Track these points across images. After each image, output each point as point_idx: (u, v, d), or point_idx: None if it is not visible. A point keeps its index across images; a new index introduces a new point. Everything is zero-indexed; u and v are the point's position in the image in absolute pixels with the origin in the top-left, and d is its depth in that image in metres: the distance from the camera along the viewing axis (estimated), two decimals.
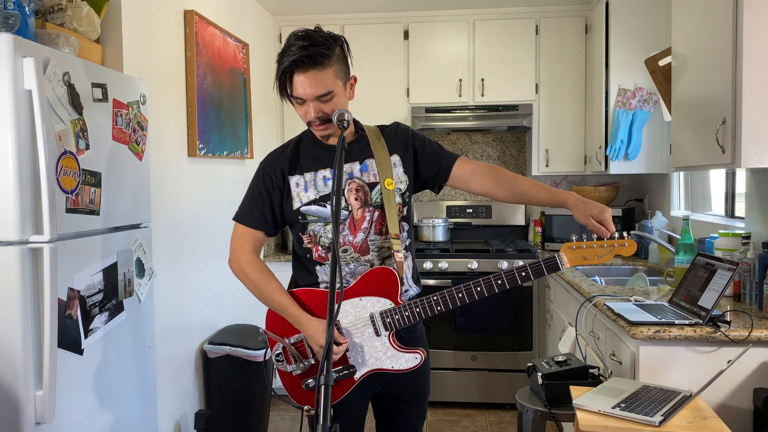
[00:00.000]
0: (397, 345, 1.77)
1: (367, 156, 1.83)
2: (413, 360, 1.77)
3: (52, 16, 2.13)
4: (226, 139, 3.34)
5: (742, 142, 2.02)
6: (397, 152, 1.86)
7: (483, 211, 4.43)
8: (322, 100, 1.70)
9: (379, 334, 1.75)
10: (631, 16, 3.61)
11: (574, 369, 2.12)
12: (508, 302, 3.81)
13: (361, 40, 4.15)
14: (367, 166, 1.82)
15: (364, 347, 1.76)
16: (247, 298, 3.76)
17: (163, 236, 2.69)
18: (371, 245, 1.81)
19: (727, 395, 2.03)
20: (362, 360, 1.76)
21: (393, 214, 1.80)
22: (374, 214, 1.81)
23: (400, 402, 1.90)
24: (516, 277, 1.71)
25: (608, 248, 1.71)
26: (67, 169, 1.89)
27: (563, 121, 4.12)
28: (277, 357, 1.80)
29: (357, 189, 1.80)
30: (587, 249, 1.71)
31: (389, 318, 1.75)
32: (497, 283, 1.72)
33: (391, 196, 1.81)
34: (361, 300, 1.76)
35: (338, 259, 1.39)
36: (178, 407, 2.86)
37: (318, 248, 1.82)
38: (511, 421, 3.70)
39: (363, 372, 1.76)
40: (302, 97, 1.70)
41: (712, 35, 2.24)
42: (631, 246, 1.71)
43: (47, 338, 1.75)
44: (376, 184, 1.81)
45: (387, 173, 1.81)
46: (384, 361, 1.76)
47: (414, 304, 1.74)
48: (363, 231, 1.80)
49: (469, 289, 1.73)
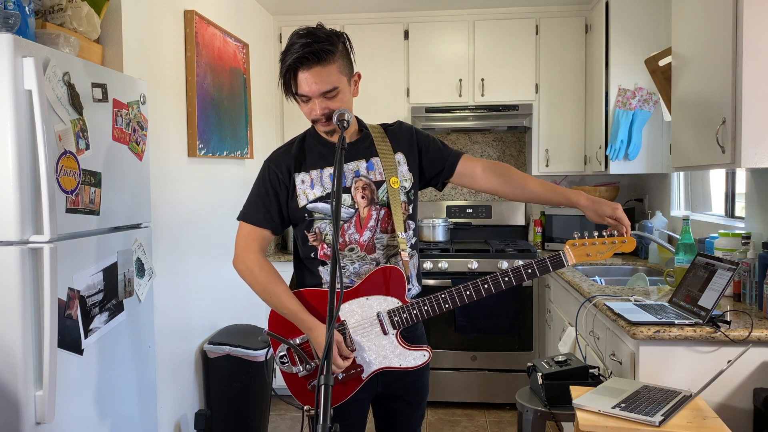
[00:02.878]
0: (404, 343, 1.77)
1: (372, 154, 1.83)
2: (421, 357, 1.77)
3: (52, 16, 2.13)
4: (226, 139, 3.34)
5: (742, 142, 2.02)
6: (401, 150, 1.87)
7: (483, 211, 4.43)
8: (328, 97, 1.70)
9: (386, 333, 1.75)
10: (631, 16, 3.61)
11: (574, 369, 2.12)
12: (508, 302, 3.81)
13: (361, 40, 4.15)
14: (372, 164, 1.82)
15: (372, 346, 1.76)
16: (247, 298, 3.77)
17: (163, 236, 2.69)
18: (377, 243, 1.81)
19: (727, 395, 2.03)
20: (370, 359, 1.76)
21: (399, 213, 1.80)
22: (380, 213, 1.81)
23: (400, 401, 1.90)
24: (522, 274, 1.74)
25: (609, 245, 1.76)
26: (67, 169, 1.89)
27: (563, 121, 4.12)
28: (281, 359, 1.79)
29: (363, 187, 1.80)
30: (590, 246, 1.75)
31: (397, 316, 1.75)
32: (504, 280, 1.74)
33: (397, 194, 1.81)
34: (367, 299, 1.76)
35: (338, 259, 1.39)
36: (178, 407, 2.86)
37: (323, 246, 1.81)
38: (511, 421, 3.70)
39: (371, 371, 1.77)
40: (307, 94, 1.69)
41: (712, 35, 2.24)
42: (630, 243, 1.76)
43: (47, 338, 1.75)
44: (382, 182, 1.81)
45: (392, 171, 1.82)
46: (392, 359, 1.76)
47: (422, 303, 1.74)
48: (369, 229, 1.80)
49: (477, 286, 1.74)
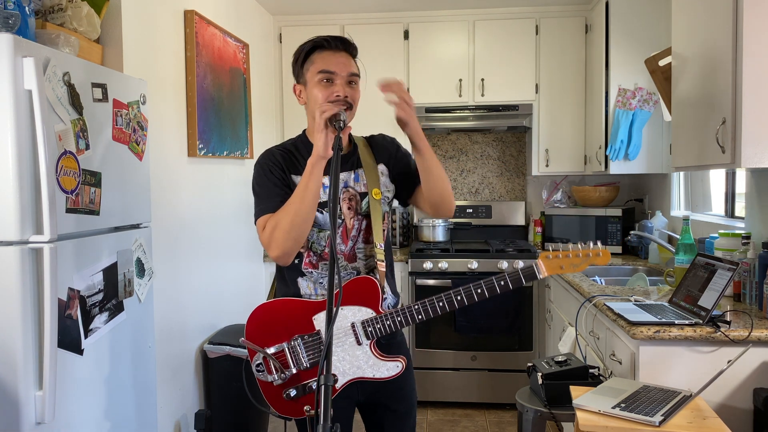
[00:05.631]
0: (378, 353, 1.75)
1: (358, 166, 1.85)
2: (394, 368, 1.76)
3: (52, 16, 2.13)
4: (226, 139, 3.34)
5: (742, 142, 2.02)
6: (383, 161, 1.88)
7: (483, 211, 4.43)
8: (350, 83, 1.73)
9: (360, 343, 1.74)
10: (631, 16, 3.61)
11: (574, 369, 2.12)
12: (508, 302, 3.81)
13: (361, 40, 4.11)
14: (358, 175, 1.84)
15: (346, 356, 1.74)
16: (247, 298, 3.77)
17: (163, 236, 2.69)
18: (358, 253, 1.83)
19: (727, 395, 2.03)
20: (343, 369, 1.74)
21: (378, 224, 1.81)
22: (362, 223, 1.83)
23: (386, 410, 1.89)
24: (495, 286, 1.71)
25: (583, 257, 1.75)
26: (67, 169, 1.89)
27: (563, 121, 4.12)
28: (257, 367, 1.77)
29: (350, 198, 1.82)
30: (563, 258, 1.74)
31: (371, 327, 1.73)
32: (477, 292, 1.71)
33: (378, 205, 1.82)
34: (342, 309, 1.74)
35: (336, 261, 1.39)
36: (178, 407, 2.86)
37: (309, 253, 1.80)
38: (511, 421, 3.70)
39: (344, 381, 1.75)
40: (335, 70, 1.71)
41: (712, 35, 2.24)
42: (605, 255, 1.76)
43: (47, 338, 1.75)
44: (366, 193, 1.83)
45: (374, 183, 1.83)
46: (365, 369, 1.75)
47: (395, 313, 1.72)
48: (352, 239, 1.82)
49: (450, 298, 1.72)
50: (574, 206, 4.25)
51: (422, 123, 4.11)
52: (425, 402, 3.94)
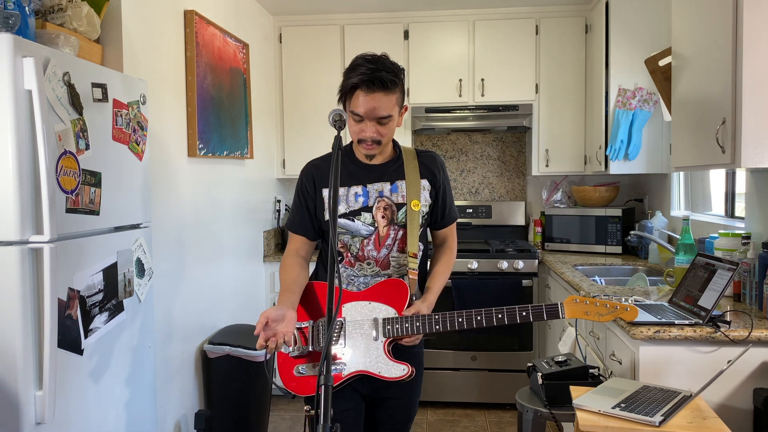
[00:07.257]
0: (390, 355, 1.82)
1: (399, 177, 1.92)
2: (400, 371, 1.81)
3: (52, 16, 2.13)
4: (226, 139, 3.34)
5: (742, 142, 2.02)
6: (427, 177, 1.96)
7: (483, 211, 4.43)
8: (381, 123, 1.79)
9: (376, 339, 1.82)
10: (631, 16, 3.61)
11: (574, 369, 2.12)
12: (508, 302, 3.80)
13: (361, 40, 4.16)
14: (397, 187, 1.92)
15: (360, 347, 1.83)
16: (247, 298, 3.77)
17: (163, 236, 2.69)
18: (392, 261, 1.92)
19: (727, 395, 2.03)
20: (354, 359, 1.82)
21: (414, 234, 1.90)
22: (398, 233, 1.91)
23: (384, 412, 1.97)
24: (516, 315, 1.80)
25: (611, 309, 1.78)
26: (67, 169, 1.89)
27: (563, 121, 4.12)
28: None
29: (385, 208, 1.90)
30: (590, 305, 1.79)
31: (389, 325, 1.82)
32: (497, 317, 1.81)
33: (416, 216, 1.90)
34: (370, 303, 1.86)
35: (336, 261, 1.44)
36: (178, 407, 2.86)
37: (348, 254, 1.92)
38: (511, 421, 3.70)
39: (351, 371, 1.82)
40: (363, 115, 1.77)
41: (712, 35, 2.24)
42: (632, 311, 1.78)
43: (47, 338, 1.75)
44: (403, 204, 1.91)
45: (415, 195, 1.91)
46: (373, 365, 1.81)
47: (415, 318, 1.81)
48: (386, 247, 1.91)
49: (470, 316, 1.82)
50: (574, 206, 4.25)
51: (422, 123, 4.12)
52: (425, 402, 3.94)
